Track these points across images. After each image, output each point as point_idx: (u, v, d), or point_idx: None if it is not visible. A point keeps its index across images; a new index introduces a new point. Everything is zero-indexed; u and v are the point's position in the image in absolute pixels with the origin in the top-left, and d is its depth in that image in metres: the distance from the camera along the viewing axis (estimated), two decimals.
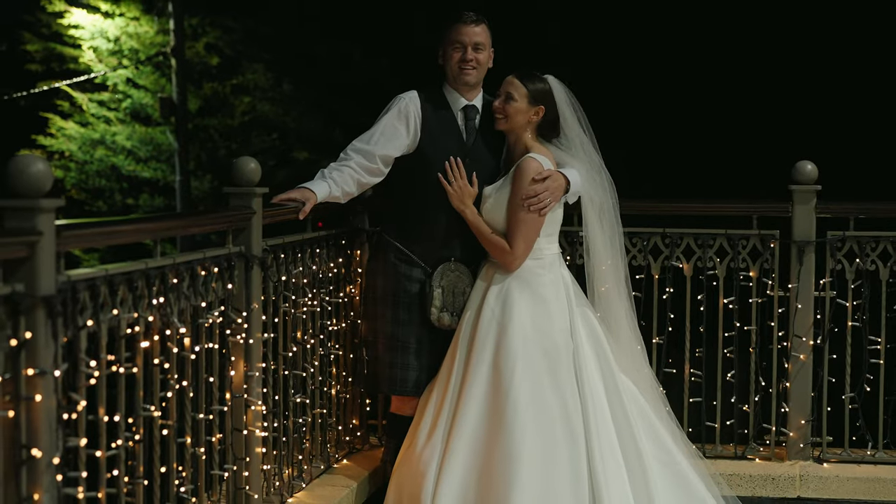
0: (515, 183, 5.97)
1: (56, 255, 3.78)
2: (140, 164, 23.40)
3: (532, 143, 6.07)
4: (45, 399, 3.70)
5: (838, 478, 6.69)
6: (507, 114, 6.05)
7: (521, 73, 6.08)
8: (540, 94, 6.04)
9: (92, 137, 23.28)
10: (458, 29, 6.21)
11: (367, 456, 6.71)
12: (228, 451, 5.23)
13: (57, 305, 3.74)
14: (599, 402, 5.89)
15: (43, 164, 3.69)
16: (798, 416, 6.78)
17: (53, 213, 3.75)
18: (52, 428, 3.73)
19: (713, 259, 6.81)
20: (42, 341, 3.70)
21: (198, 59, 23.08)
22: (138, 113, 23.43)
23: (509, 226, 5.98)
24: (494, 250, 6.03)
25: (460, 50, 6.19)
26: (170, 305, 4.58)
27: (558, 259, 6.11)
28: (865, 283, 6.74)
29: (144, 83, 23.25)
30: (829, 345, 6.79)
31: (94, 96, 23.36)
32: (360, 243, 6.66)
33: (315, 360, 6.16)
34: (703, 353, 6.86)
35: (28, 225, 3.67)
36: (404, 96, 6.25)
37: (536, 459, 5.69)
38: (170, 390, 4.67)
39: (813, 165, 6.72)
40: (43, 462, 3.69)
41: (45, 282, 3.71)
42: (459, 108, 6.28)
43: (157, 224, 4.60)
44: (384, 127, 6.17)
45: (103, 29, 23.05)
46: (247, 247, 5.27)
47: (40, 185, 3.68)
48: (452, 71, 6.23)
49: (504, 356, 5.84)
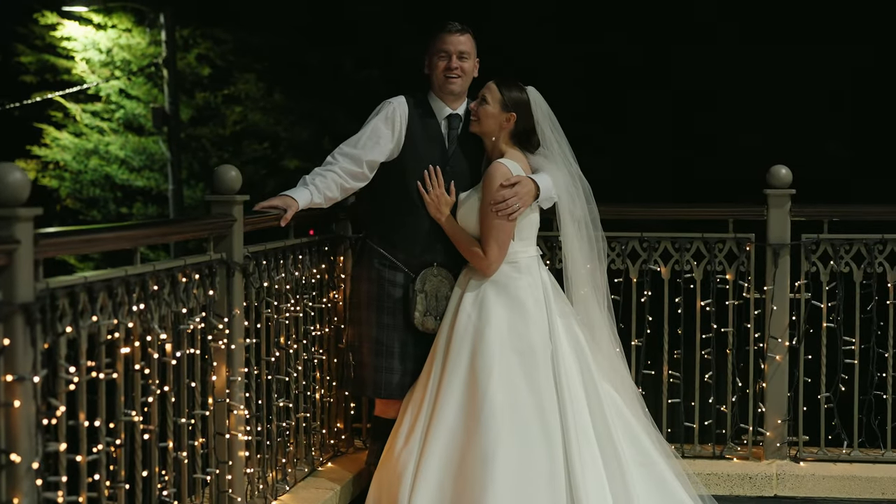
0: (485, 188, 5.99)
1: (34, 263, 3.79)
2: (133, 173, 23.39)
3: (506, 149, 6.09)
4: (23, 405, 3.71)
5: (814, 476, 6.71)
6: (479, 116, 6.09)
7: (500, 79, 6.11)
8: (513, 101, 6.05)
9: (86, 147, 23.27)
10: (442, 38, 6.22)
11: (351, 459, 6.72)
12: (211, 454, 5.23)
13: (35, 312, 3.75)
14: (578, 404, 5.89)
15: (20, 174, 3.69)
16: (774, 416, 6.80)
17: (31, 221, 3.76)
18: (31, 433, 3.74)
19: (690, 262, 6.84)
20: (21, 348, 3.71)
21: (189, 69, 23.08)
22: (131, 123, 23.42)
23: (482, 231, 5.99)
24: (471, 257, 6.05)
25: (445, 59, 6.21)
26: (150, 312, 4.59)
27: (536, 262, 6.11)
28: (839, 285, 6.77)
29: (137, 94, 23.24)
30: (805, 346, 6.81)
31: (88, 107, 23.35)
32: (344, 249, 6.67)
33: (298, 365, 6.17)
34: (681, 355, 6.87)
35: (6, 233, 3.68)
36: (392, 101, 6.26)
37: (511, 460, 5.69)
38: (151, 395, 4.68)
39: (787, 170, 6.75)
40: (22, 467, 3.70)
41: (24, 289, 3.72)
42: (444, 117, 6.29)
43: (136, 232, 4.61)
44: (371, 131, 6.18)
45: (96, 41, 23.04)
46: (228, 253, 5.28)
47: (18, 194, 3.68)
48: (438, 80, 6.24)
49: (480, 359, 5.85)
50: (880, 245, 6.75)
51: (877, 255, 6.74)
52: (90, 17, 22.98)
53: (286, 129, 22.69)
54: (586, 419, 5.89)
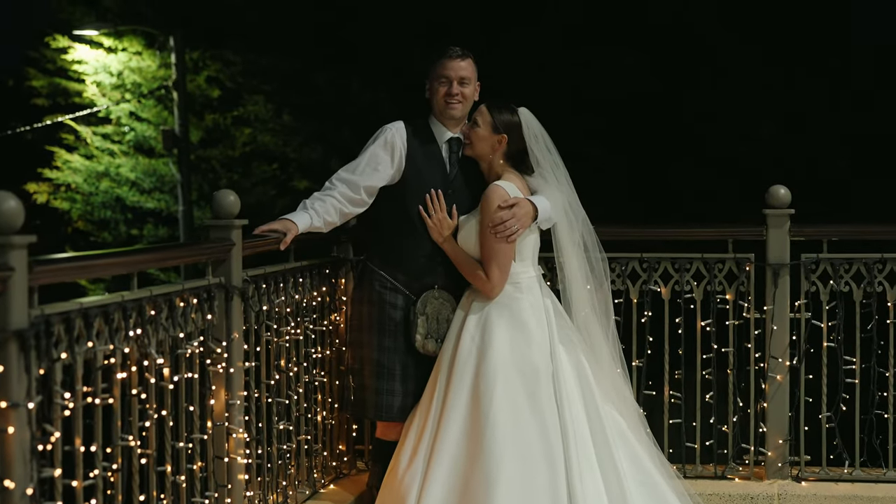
0: (482, 211, 5.99)
1: (28, 290, 3.78)
2: (144, 195, 23.44)
3: (502, 171, 6.09)
4: (17, 431, 3.70)
5: (816, 496, 6.68)
6: (471, 139, 6.11)
7: (490, 103, 6.12)
8: (504, 123, 6.05)
9: (97, 170, 23.32)
10: (444, 64, 6.22)
11: (353, 481, 6.70)
12: (210, 478, 5.21)
13: (30, 339, 3.75)
14: (580, 424, 5.88)
15: (15, 202, 3.69)
16: (776, 436, 6.78)
17: (25, 249, 3.76)
18: (25, 459, 3.73)
19: (690, 282, 6.81)
20: (15, 374, 3.70)
21: (199, 91, 23.12)
22: (141, 145, 23.48)
23: (482, 254, 5.99)
24: (474, 280, 6.04)
25: (446, 84, 6.21)
26: (147, 337, 4.58)
27: (537, 283, 6.09)
28: (840, 305, 6.75)
29: (147, 116, 23.30)
30: (805, 365, 6.79)
31: (99, 129, 23.41)
32: (345, 272, 6.66)
33: (299, 388, 6.16)
34: (681, 375, 6.85)
35: (0, 261, 3.68)
36: (391, 127, 6.25)
37: (515, 482, 5.68)
38: (148, 420, 4.67)
39: (786, 190, 6.73)
40: (16, 493, 3.69)
41: (18, 316, 3.72)
42: (444, 141, 6.28)
43: (131, 258, 4.60)
44: (370, 158, 6.18)
45: (106, 64, 23.10)
46: (227, 277, 5.28)
47: (12, 221, 3.68)
48: (439, 105, 6.24)
49: (483, 381, 5.84)
50: (880, 264, 6.73)
51: (876, 275, 6.72)
52: (101, 41, 23.04)
53: (295, 150, 22.71)
54: (588, 439, 5.87)
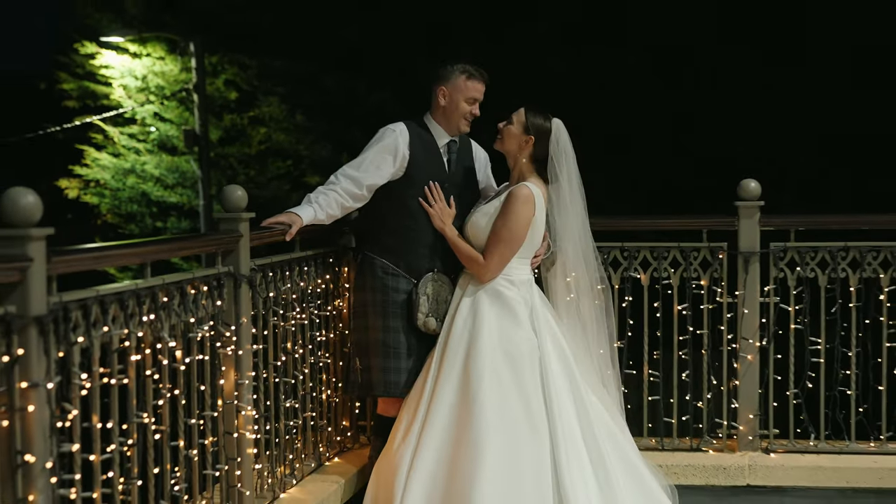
0: (506, 205, 6.01)
1: (47, 279, 3.80)
2: (167, 190, 23.42)
3: (527, 172, 6.10)
4: (38, 409, 3.72)
5: (784, 467, 6.69)
6: (503, 135, 6.15)
7: (529, 106, 6.16)
8: (535, 127, 6.07)
9: (123, 167, 23.30)
10: (474, 86, 6.25)
11: (357, 454, 6.72)
12: (221, 452, 5.23)
13: (48, 324, 3.77)
14: (565, 406, 5.89)
15: (33, 197, 3.71)
16: (747, 412, 6.79)
17: (43, 240, 3.77)
18: (45, 435, 3.75)
19: (668, 269, 6.83)
20: (34, 357, 3.72)
21: (218, 93, 23.09)
22: (165, 144, 23.46)
23: (489, 240, 6.01)
24: (469, 262, 6.07)
25: (471, 104, 6.26)
26: (160, 322, 4.59)
27: (528, 282, 6.12)
28: (806, 290, 6.76)
29: (170, 117, 23.28)
30: (774, 346, 6.80)
31: (125, 129, 23.38)
32: (347, 261, 6.67)
33: (305, 368, 6.17)
34: (660, 356, 6.86)
35: (19, 252, 3.69)
36: (395, 130, 6.26)
37: (500, 454, 5.69)
38: (162, 398, 4.68)
39: (756, 183, 6.75)
40: (37, 467, 3.71)
41: (37, 303, 3.73)
42: (444, 143, 6.32)
43: (145, 249, 4.60)
44: (373, 157, 6.19)
45: (132, 68, 23.08)
46: (235, 266, 5.28)
47: (30, 215, 3.70)
48: (454, 117, 6.27)
49: (473, 362, 5.86)
50: (843, 252, 6.74)
51: (840, 262, 6.73)
52: (126, 47, 23.02)
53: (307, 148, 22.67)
54: (573, 420, 5.88)
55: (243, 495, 5.32)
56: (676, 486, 6.42)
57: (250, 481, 5.40)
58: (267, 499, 5.68)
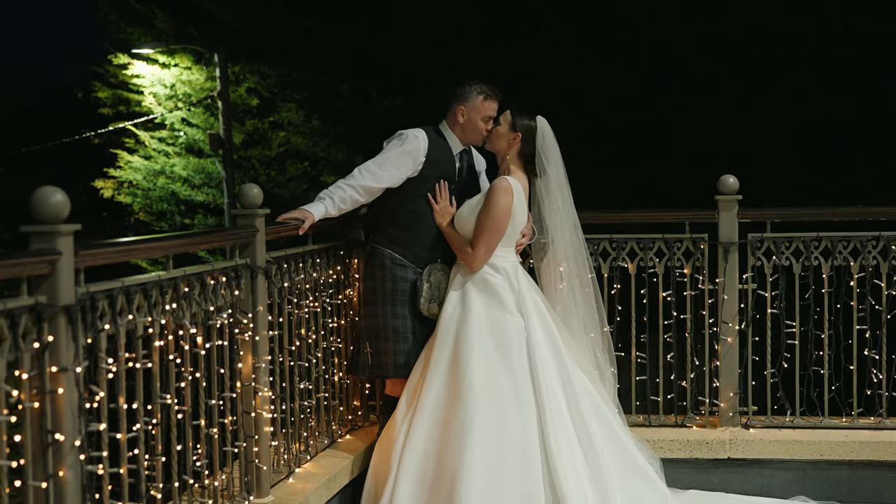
0: (487, 197, 6.04)
1: (75, 271, 3.79)
2: (195, 189, 23.40)
3: (514, 169, 6.11)
4: (67, 391, 3.71)
5: (762, 441, 6.67)
6: (492, 136, 6.20)
7: (515, 108, 6.20)
8: (520, 126, 6.12)
9: (154, 168, 23.28)
10: (490, 105, 6.33)
11: (367, 431, 6.70)
12: (240, 430, 5.22)
13: (76, 313, 3.76)
14: (552, 384, 5.88)
15: (61, 195, 3.69)
16: (727, 390, 6.77)
17: (71, 236, 3.76)
18: (74, 416, 3.74)
19: (653, 259, 6.81)
20: (63, 343, 3.71)
21: (240, 100, 23.06)
22: (192, 147, 23.43)
23: (476, 231, 6.03)
24: (461, 252, 6.12)
25: (488, 122, 6.32)
26: (182, 310, 4.58)
27: (513, 267, 6.11)
28: (781, 277, 6.73)
29: (196, 122, 23.24)
30: (752, 329, 6.78)
31: (155, 134, 23.36)
32: (357, 253, 6.66)
33: (318, 353, 6.16)
34: (646, 339, 6.85)
35: (49, 246, 3.68)
36: (418, 136, 6.30)
37: (488, 429, 5.69)
38: (184, 381, 4.67)
39: (734, 179, 6.73)
40: (66, 445, 3.70)
41: (65, 293, 3.72)
42: (457, 151, 6.39)
43: (167, 242, 4.59)
44: (395, 158, 6.24)
45: (161, 78, 23.06)
46: (252, 259, 5.27)
47: (59, 212, 3.69)
48: (472, 134, 6.34)
49: (462, 344, 5.87)
50: (816, 242, 6.71)
51: (813, 251, 6.70)
52: (156, 58, 23.01)
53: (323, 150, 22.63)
54: (560, 398, 5.87)
55: (261, 470, 5.31)
56: (662, 460, 6.43)
57: (267, 457, 5.39)
58: (283, 473, 5.66)
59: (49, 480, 3.65)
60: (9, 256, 3.53)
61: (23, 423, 3.62)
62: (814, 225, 6.75)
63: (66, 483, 3.70)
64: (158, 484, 4.43)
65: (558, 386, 5.87)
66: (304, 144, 22.82)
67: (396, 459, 5.78)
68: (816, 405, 6.80)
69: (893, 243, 6.64)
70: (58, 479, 3.68)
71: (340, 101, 22.48)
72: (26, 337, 3.58)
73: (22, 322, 3.55)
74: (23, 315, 3.56)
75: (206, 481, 4.88)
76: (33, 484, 3.62)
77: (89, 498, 3.83)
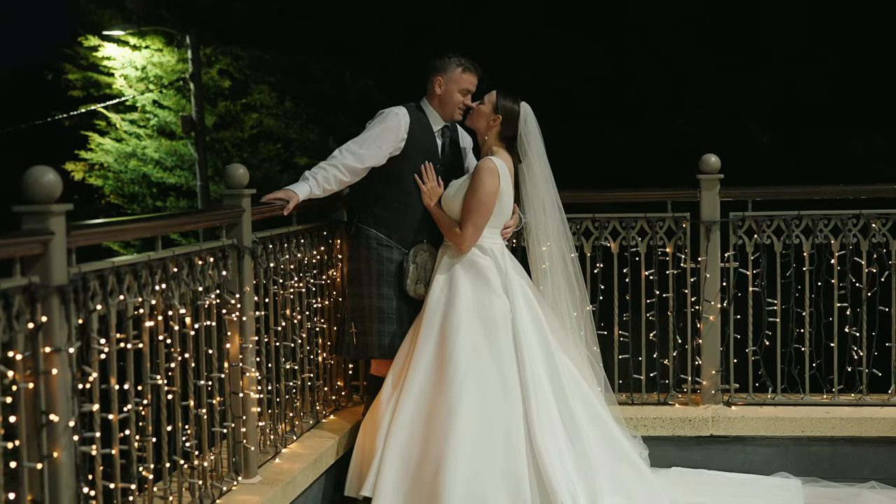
0: (473, 177, 6.01)
1: (67, 251, 3.75)
2: (166, 172, 23.28)
3: (496, 149, 6.09)
4: (60, 372, 3.68)
5: (744, 418, 6.70)
6: (474, 113, 6.17)
7: (501, 90, 6.17)
8: (503, 108, 6.07)
9: (125, 151, 23.14)
10: (468, 78, 6.29)
11: (350, 412, 6.69)
12: (228, 411, 5.20)
13: (69, 293, 3.72)
14: (536, 367, 5.87)
15: (53, 175, 3.66)
16: (709, 368, 6.79)
17: (64, 215, 3.72)
18: (67, 396, 3.71)
19: (636, 238, 6.82)
20: (57, 324, 3.68)
21: (212, 82, 22.94)
22: (164, 129, 23.30)
23: (463, 212, 6.00)
24: (449, 233, 6.08)
25: (465, 95, 6.29)
26: (171, 290, 4.55)
27: (500, 249, 6.10)
28: (763, 255, 6.75)
29: (168, 104, 23.12)
30: (734, 307, 6.80)
31: (126, 116, 23.22)
32: (340, 234, 6.63)
33: (303, 333, 6.14)
34: (629, 318, 6.86)
35: (42, 226, 3.65)
36: (398, 113, 6.24)
37: (473, 413, 5.68)
38: (173, 362, 4.65)
39: (716, 158, 6.73)
40: (60, 425, 3.67)
41: (58, 274, 3.69)
42: (438, 128, 6.34)
43: (156, 223, 4.55)
44: (376, 136, 6.18)
45: (132, 59, 22.91)
46: (238, 239, 5.24)
47: (51, 192, 3.65)
48: (449, 107, 6.29)
49: (449, 326, 5.86)
50: (797, 220, 6.74)
51: (794, 229, 6.73)
52: (127, 40, 22.85)
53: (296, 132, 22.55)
54: (544, 382, 5.87)
55: (248, 451, 5.29)
56: (645, 438, 6.47)
57: (255, 438, 5.38)
58: (270, 454, 5.65)
59: (43, 461, 3.62)
60: (2, 236, 3.49)
61: (17, 405, 3.58)
62: (795, 203, 6.79)
63: (61, 464, 3.67)
64: (150, 465, 4.40)
65: (543, 369, 5.88)
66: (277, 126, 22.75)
67: (381, 442, 5.78)
68: (797, 382, 6.83)
69: (874, 221, 6.68)
70: (52, 460, 3.65)
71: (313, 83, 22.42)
72: (20, 317, 3.55)
73: (16, 302, 3.51)
74: (16, 295, 3.52)
75: (196, 462, 4.86)
76: (28, 465, 3.59)
77: (83, 479, 3.80)
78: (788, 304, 6.78)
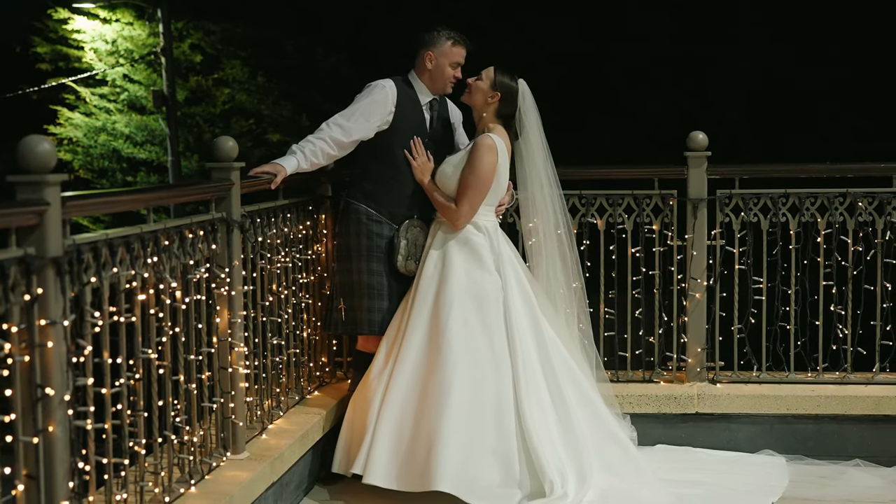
0: (472, 154, 5.97)
1: (62, 223, 3.70)
2: (137, 147, 23.10)
3: (491, 124, 6.05)
4: (56, 345, 3.62)
5: (729, 396, 6.72)
6: (472, 89, 6.10)
7: (499, 66, 6.11)
8: (501, 85, 6.02)
9: (95, 125, 22.94)
10: (458, 51, 6.25)
11: (335, 388, 6.67)
12: (216, 386, 5.16)
13: (64, 265, 3.67)
14: (526, 344, 5.87)
15: (48, 144, 3.60)
16: (695, 345, 6.80)
17: (59, 186, 3.67)
18: (62, 370, 3.66)
19: (622, 215, 6.81)
20: (52, 296, 3.62)
21: (184, 57, 22.78)
22: (134, 104, 23.11)
23: (459, 189, 5.97)
24: (444, 210, 6.03)
25: (455, 69, 6.24)
26: (162, 264, 4.50)
27: (493, 227, 6.08)
28: (749, 233, 6.76)
29: (139, 78, 22.92)
30: (720, 285, 6.81)
31: (96, 90, 23.01)
32: (325, 209, 6.59)
33: (289, 308, 6.10)
34: (615, 295, 6.86)
35: (37, 197, 3.59)
36: (385, 86, 6.18)
37: (465, 390, 5.68)
38: (164, 336, 4.60)
39: (704, 135, 6.73)
40: (55, 399, 3.62)
41: (53, 245, 3.63)
42: (427, 101, 6.29)
43: (150, 195, 4.51)
44: (363, 109, 6.12)
45: (102, 33, 22.69)
46: (227, 213, 5.19)
47: (46, 162, 3.59)
48: (439, 81, 6.25)
49: (442, 303, 5.84)
50: (783, 198, 6.74)
51: (780, 207, 6.74)
52: (97, 13, 22.63)
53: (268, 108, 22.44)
54: (534, 360, 5.87)
55: (237, 426, 5.25)
56: (631, 415, 6.48)
57: (243, 413, 5.34)
58: (256, 429, 5.61)
59: (39, 435, 3.58)
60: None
61: (13, 378, 3.53)
62: (781, 182, 6.79)
63: (56, 438, 3.62)
64: (141, 439, 4.36)
65: (533, 349, 5.87)
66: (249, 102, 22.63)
67: (373, 420, 5.76)
68: (782, 360, 6.86)
69: (860, 200, 6.69)
70: (47, 435, 3.60)
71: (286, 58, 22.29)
72: (15, 289, 3.49)
73: (11, 274, 3.46)
74: (12, 267, 3.47)
75: (185, 437, 4.82)
76: (24, 439, 3.54)
77: (77, 453, 3.76)
78: (774, 283, 6.79)
